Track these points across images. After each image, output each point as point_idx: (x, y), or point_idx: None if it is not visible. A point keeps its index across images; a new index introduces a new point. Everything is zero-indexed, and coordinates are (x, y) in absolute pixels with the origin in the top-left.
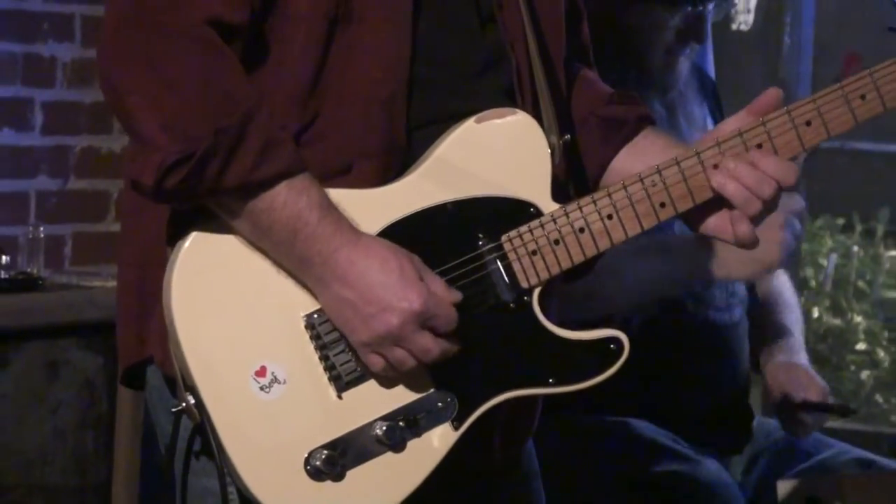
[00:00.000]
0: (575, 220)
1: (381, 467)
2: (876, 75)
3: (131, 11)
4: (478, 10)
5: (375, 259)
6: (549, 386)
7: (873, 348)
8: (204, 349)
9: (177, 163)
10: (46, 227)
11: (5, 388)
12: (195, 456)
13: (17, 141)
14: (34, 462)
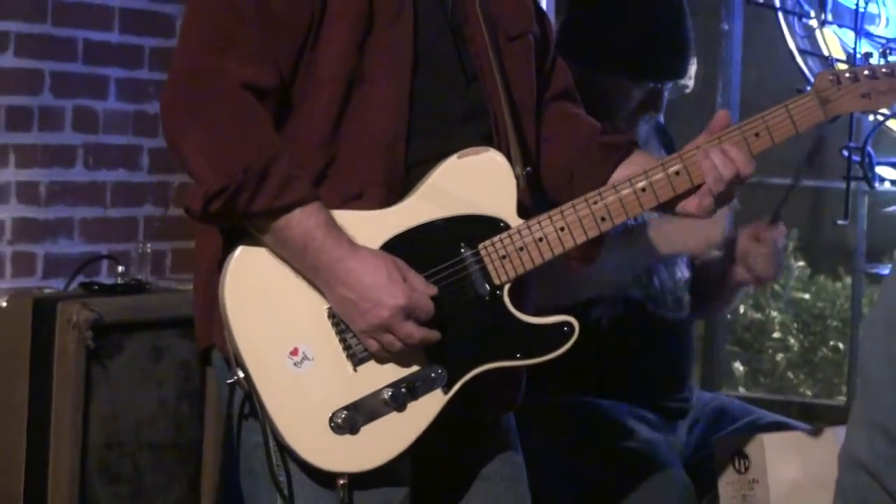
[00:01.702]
0: (535, 232)
1: (387, 424)
2: (767, 118)
3: (185, 78)
4: (464, 73)
5: (368, 266)
6: (517, 360)
7: (785, 336)
8: (249, 334)
9: (217, 193)
10: (152, 244)
11: (120, 368)
12: (246, 417)
13: (130, 178)
14: (143, 424)
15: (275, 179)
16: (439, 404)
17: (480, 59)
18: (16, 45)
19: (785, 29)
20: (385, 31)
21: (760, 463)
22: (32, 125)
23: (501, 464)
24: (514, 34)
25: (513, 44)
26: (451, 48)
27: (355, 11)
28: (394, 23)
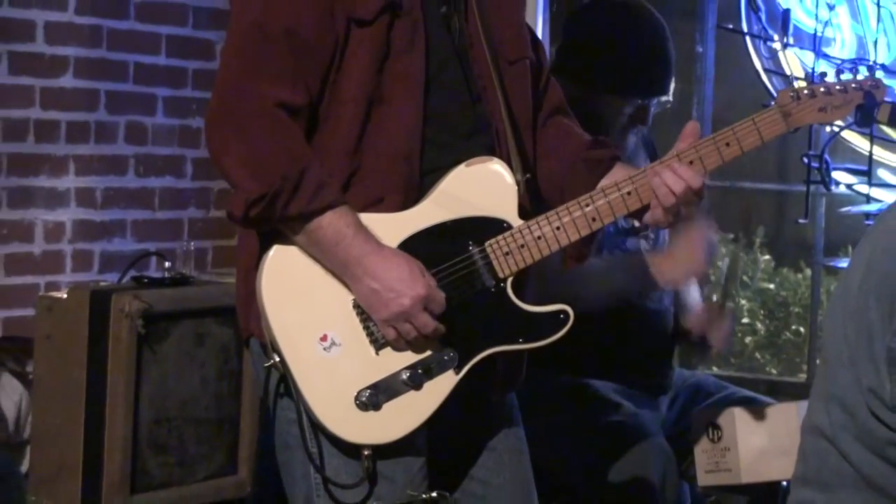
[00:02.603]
0: (534, 231)
1: (406, 401)
2: (736, 129)
3: (227, 98)
4: (469, 93)
5: (392, 262)
6: (520, 344)
7: (753, 322)
8: (284, 323)
9: (257, 199)
10: (195, 242)
11: (168, 351)
12: (281, 397)
13: (175, 184)
14: (188, 401)
15: (308, 186)
16: (451, 384)
17: (483, 80)
18: (75, 68)
19: (752, 51)
20: (400, 58)
21: (732, 433)
22: (89, 138)
23: (506, 437)
24: (513, 58)
25: (512, 67)
26: (457, 71)
27: (374, 40)
28: (408, 50)
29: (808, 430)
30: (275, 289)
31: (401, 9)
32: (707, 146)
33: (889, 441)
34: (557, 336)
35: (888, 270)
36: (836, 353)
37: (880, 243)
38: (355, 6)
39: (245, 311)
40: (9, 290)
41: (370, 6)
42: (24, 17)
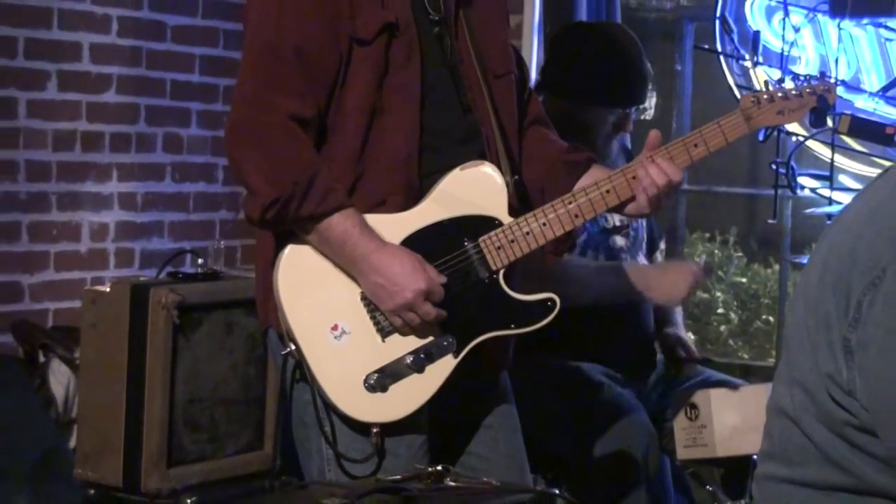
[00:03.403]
0: (523, 227)
1: (410, 383)
2: (704, 131)
3: (244, 112)
4: (460, 103)
5: (395, 258)
6: (512, 329)
7: (727, 312)
8: (299, 315)
9: (272, 203)
10: (225, 241)
11: (200, 339)
12: (297, 381)
13: (207, 189)
14: (218, 384)
15: (318, 190)
16: (451, 366)
17: (473, 92)
18: (117, 85)
19: (725, 69)
20: (398, 73)
21: (708, 412)
22: (131, 148)
23: (500, 415)
24: (499, 73)
25: (499, 80)
26: (450, 84)
27: (374, 58)
28: (405, 66)
29: (772, 410)
30: (289, 284)
31: (398, 29)
32: (677, 147)
33: (846, 422)
34: (545, 321)
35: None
36: (797, 342)
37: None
38: (357, 28)
39: (263, 305)
40: (58, 284)
41: (370, 28)
42: (71, 40)
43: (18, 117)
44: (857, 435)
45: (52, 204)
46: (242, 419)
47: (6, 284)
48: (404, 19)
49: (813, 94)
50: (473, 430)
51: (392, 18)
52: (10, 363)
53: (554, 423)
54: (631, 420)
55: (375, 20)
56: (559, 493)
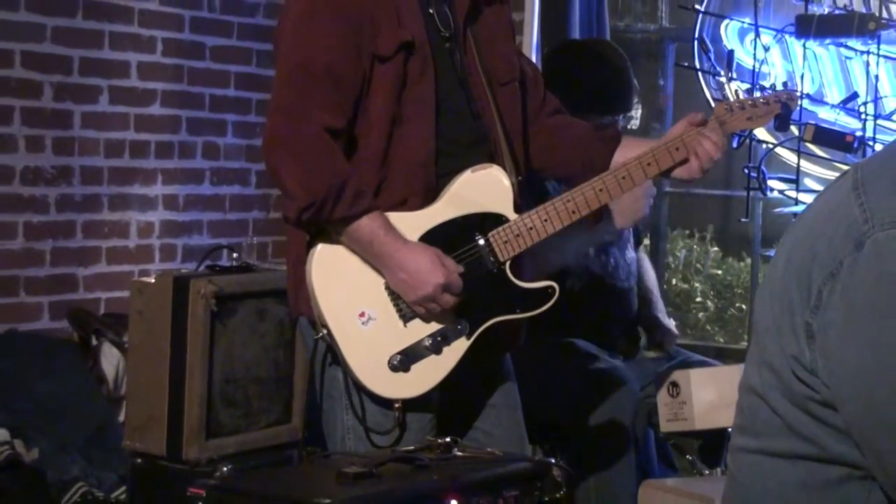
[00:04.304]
0: (527, 223)
1: (428, 363)
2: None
3: (280, 125)
4: (469, 111)
5: (417, 255)
6: (517, 314)
7: (705, 301)
8: (330, 304)
9: (307, 207)
10: (258, 238)
11: (235, 325)
12: (328, 362)
13: (242, 192)
14: (251, 364)
15: (349, 195)
16: (464, 347)
17: (481, 100)
18: (162, 99)
19: (703, 84)
20: (415, 86)
21: (687, 389)
22: (174, 154)
23: (503, 395)
24: (504, 81)
25: (504, 87)
26: (460, 95)
27: (394, 72)
28: (421, 79)
29: (743, 388)
30: (321, 277)
31: (414, 47)
32: (661, 150)
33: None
34: (547, 306)
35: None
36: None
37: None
38: (377, 46)
39: (295, 295)
40: (109, 276)
41: (389, 46)
42: (121, 59)
43: (74, 128)
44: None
45: (104, 205)
46: (272, 396)
47: (63, 276)
48: (419, 38)
49: (777, 102)
50: (479, 410)
51: (408, 37)
52: (66, 347)
53: (552, 393)
54: (622, 389)
55: (394, 39)
56: (555, 462)
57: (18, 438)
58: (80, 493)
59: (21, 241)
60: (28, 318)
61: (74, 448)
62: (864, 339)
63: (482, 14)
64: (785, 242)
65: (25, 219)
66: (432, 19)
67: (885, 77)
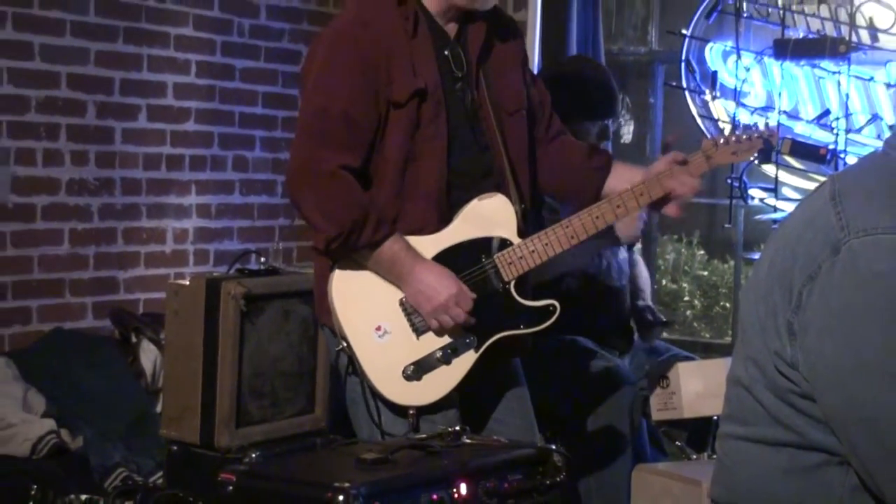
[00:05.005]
0: (529, 247)
1: (439, 373)
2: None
3: (301, 164)
4: (477, 144)
5: (433, 271)
6: (521, 329)
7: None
8: (349, 318)
9: (334, 238)
10: (283, 243)
11: (263, 323)
12: (349, 371)
13: (269, 201)
14: (277, 359)
15: (370, 225)
16: (472, 359)
17: (490, 133)
18: (195, 116)
19: (689, 101)
20: (428, 127)
21: (676, 382)
22: (206, 167)
23: (514, 388)
24: (511, 111)
25: (511, 117)
26: (469, 131)
27: (407, 117)
28: (434, 120)
29: (730, 381)
30: (341, 295)
31: (427, 93)
32: (653, 182)
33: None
34: (548, 324)
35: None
36: (750, 325)
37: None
38: (392, 93)
39: (320, 307)
40: (148, 279)
41: (403, 93)
42: (158, 80)
43: (115, 143)
44: (799, 400)
45: (142, 213)
46: (297, 388)
47: (105, 279)
48: (432, 83)
49: (760, 138)
50: (495, 402)
51: (422, 84)
52: (108, 343)
53: (557, 386)
54: (620, 384)
55: (408, 87)
56: (556, 449)
57: (64, 428)
58: (121, 477)
59: (67, 246)
60: (73, 318)
61: (116, 436)
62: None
63: (494, 49)
64: (768, 247)
65: (71, 226)
66: (447, 61)
67: (855, 95)
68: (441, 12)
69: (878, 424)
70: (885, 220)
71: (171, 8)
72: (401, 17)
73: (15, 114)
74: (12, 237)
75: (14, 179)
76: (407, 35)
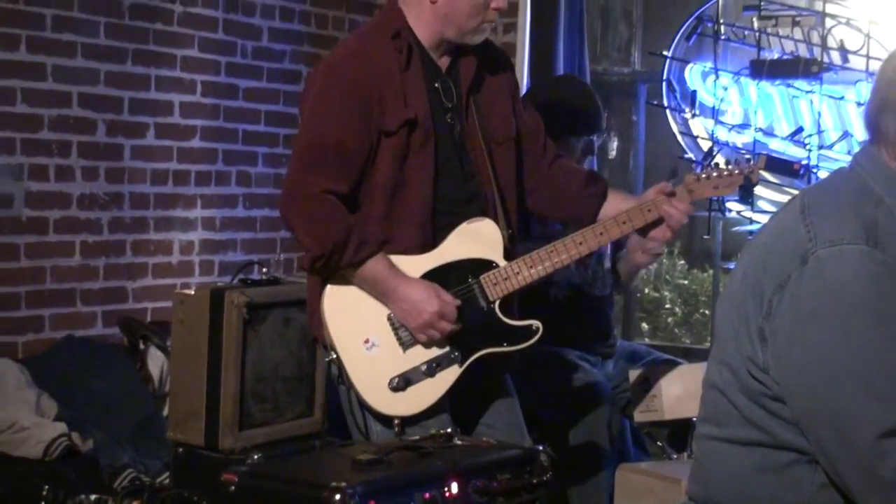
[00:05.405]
0: (514, 269)
1: (424, 385)
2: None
3: (292, 188)
4: (464, 172)
5: (417, 288)
6: (504, 347)
7: (673, 307)
8: (339, 332)
9: (318, 257)
10: (284, 255)
11: (264, 331)
12: (339, 381)
13: (271, 214)
14: (278, 365)
15: (352, 246)
16: (456, 374)
17: (478, 161)
18: (201, 134)
19: (670, 119)
20: (416, 155)
21: (657, 385)
22: (211, 182)
23: (502, 394)
24: (500, 140)
25: (500, 147)
26: (456, 159)
27: (397, 145)
28: (422, 149)
29: (706, 384)
30: (332, 311)
31: (416, 123)
32: (635, 212)
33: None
34: (530, 343)
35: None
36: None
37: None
38: (384, 123)
39: (312, 320)
40: (155, 288)
41: (394, 123)
42: (165, 99)
43: (124, 159)
44: (770, 402)
45: (150, 226)
46: (297, 392)
47: (115, 289)
48: (422, 113)
49: (741, 175)
50: (485, 407)
51: (412, 115)
52: (117, 350)
53: (540, 395)
54: (599, 392)
55: (399, 117)
56: (542, 449)
57: (75, 431)
58: (130, 478)
59: (78, 258)
60: (84, 326)
61: (125, 439)
62: (808, 342)
63: (485, 81)
64: (742, 258)
65: (82, 239)
66: (437, 93)
67: (826, 113)
68: (434, 46)
69: (844, 424)
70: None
71: (178, 31)
72: (395, 49)
73: (29, 131)
74: (26, 249)
75: (28, 194)
76: (400, 67)
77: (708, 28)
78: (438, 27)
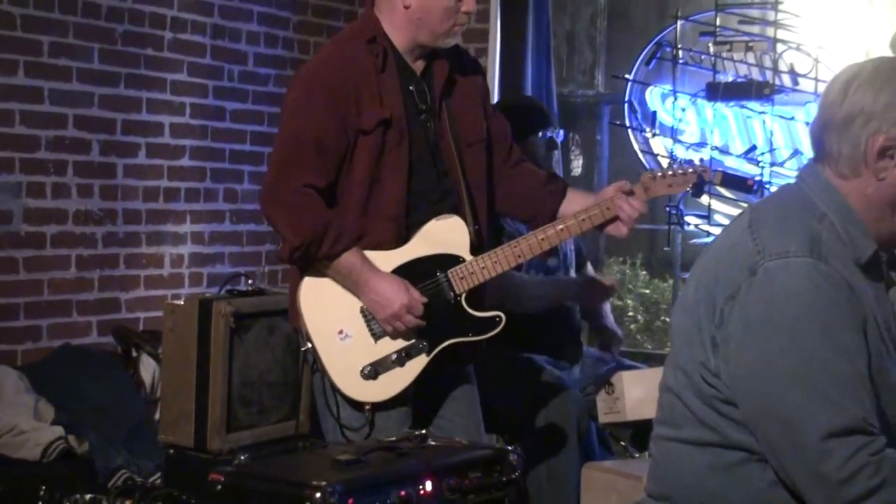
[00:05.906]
0: (480, 263)
1: (394, 373)
2: (614, 199)
3: (272, 182)
4: (437, 170)
5: (387, 281)
6: (469, 337)
7: (636, 314)
8: (314, 322)
9: (297, 248)
10: (269, 267)
11: (250, 339)
12: (314, 369)
13: (257, 229)
14: (264, 371)
15: (330, 238)
16: (423, 362)
17: (448, 161)
18: (190, 153)
19: (632, 138)
20: (391, 153)
21: (620, 388)
22: (200, 198)
23: (463, 390)
24: (471, 142)
25: (470, 148)
26: (429, 157)
27: (373, 143)
28: (397, 146)
29: (662, 388)
30: (308, 303)
31: (391, 122)
32: (594, 210)
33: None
34: (494, 332)
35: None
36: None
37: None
38: (360, 121)
39: (291, 310)
40: (147, 299)
41: (370, 121)
42: (156, 120)
43: (117, 177)
44: (722, 405)
45: (142, 240)
46: (282, 397)
47: (108, 300)
48: (397, 113)
49: (694, 173)
50: (444, 402)
51: (387, 115)
52: (111, 358)
53: (511, 398)
54: (566, 395)
55: (375, 116)
56: (512, 450)
57: (72, 434)
58: (123, 479)
59: (74, 270)
60: (79, 335)
61: (118, 441)
62: (757, 348)
63: (457, 85)
64: (695, 269)
65: (77, 252)
66: (411, 95)
67: (778, 132)
68: (408, 50)
69: (790, 424)
70: (796, 244)
71: (168, 56)
72: (371, 53)
73: (27, 151)
74: (24, 262)
75: (26, 210)
76: (376, 70)
77: (667, 53)
78: (412, 31)
